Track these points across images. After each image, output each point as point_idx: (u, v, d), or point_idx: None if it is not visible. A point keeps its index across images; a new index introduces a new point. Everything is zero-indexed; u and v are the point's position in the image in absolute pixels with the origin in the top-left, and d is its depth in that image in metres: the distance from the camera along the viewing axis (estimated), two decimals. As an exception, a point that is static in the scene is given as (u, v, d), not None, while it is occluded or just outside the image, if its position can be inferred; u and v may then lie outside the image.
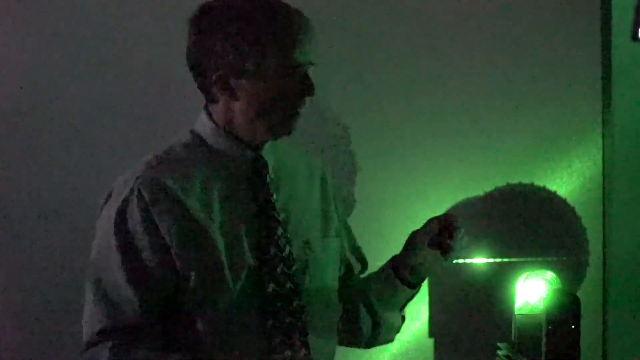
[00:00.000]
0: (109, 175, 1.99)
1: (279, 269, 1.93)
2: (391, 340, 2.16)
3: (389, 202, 2.64)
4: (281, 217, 1.96)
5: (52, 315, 2.50)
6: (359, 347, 2.16)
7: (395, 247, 2.24)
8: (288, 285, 1.93)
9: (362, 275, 2.18)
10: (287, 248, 1.95)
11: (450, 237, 1.95)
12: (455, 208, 2.66)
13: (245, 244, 1.92)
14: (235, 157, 1.96)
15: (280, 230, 1.95)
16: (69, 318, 2.02)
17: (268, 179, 1.97)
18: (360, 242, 2.16)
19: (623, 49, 2.61)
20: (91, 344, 1.91)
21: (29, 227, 2.56)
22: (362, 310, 2.11)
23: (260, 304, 1.91)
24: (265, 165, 1.98)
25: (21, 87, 2.57)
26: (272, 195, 1.97)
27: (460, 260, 2.57)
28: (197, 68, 1.93)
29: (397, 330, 2.15)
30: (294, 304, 1.93)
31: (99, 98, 2.58)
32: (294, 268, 1.95)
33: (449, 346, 2.65)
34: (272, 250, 1.93)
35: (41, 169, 2.57)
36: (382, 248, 2.20)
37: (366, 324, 2.11)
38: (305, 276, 1.97)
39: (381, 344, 2.16)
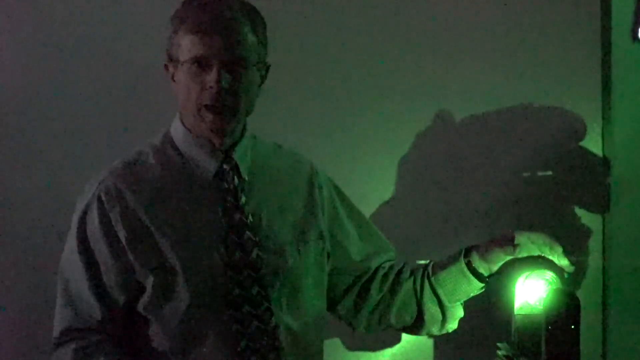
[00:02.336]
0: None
1: (245, 273, 1.91)
2: (452, 329, 2.16)
3: (388, 202, 2.63)
4: (250, 220, 1.94)
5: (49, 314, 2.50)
6: (415, 335, 2.20)
7: (395, 246, 2.24)
8: (255, 289, 1.91)
9: (391, 261, 2.17)
10: (255, 251, 1.93)
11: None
12: (455, 208, 2.66)
13: (209, 248, 1.90)
14: (203, 160, 1.94)
15: (247, 234, 1.93)
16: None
17: (237, 182, 1.95)
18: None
19: (623, 49, 2.60)
20: (57, 344, 1.92)
21: (28, 226, 2.56)
22: (429, 303, 2.09)
23: (225, 309, 1.90)
24: (234, 168, 1.96)
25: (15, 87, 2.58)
26: (240, 199, 1.95)
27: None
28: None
29: (458, 320, 2.16)
30: (262, 308, 1.91)
31: (97, 97, 2.58)
32: (262, 272, 1.93)
33: (449, 346, 2.65)
34: (237, 254, 1.91)
35: (40, 168, 2.57)
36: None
37: (434, 316, 2.11)
38: (276, 280, 1.95)
39: (442, 333, 2.16)
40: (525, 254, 2.06)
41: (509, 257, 2.06)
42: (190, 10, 1.88)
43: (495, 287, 2.54)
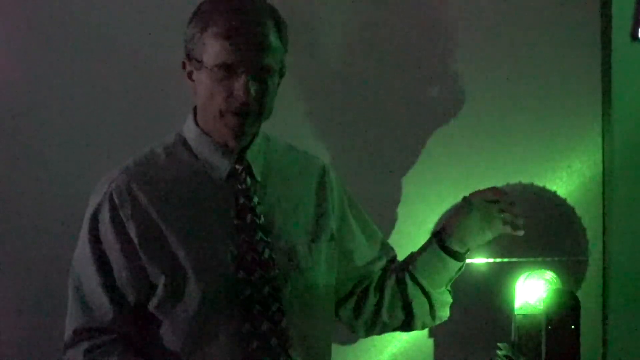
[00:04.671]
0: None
1: (256, 274, 1.91)
2: (445, 317, 2.13)
3: (389, 202, 2.64)
4: (263, 220, 1.94)
5: (52, 314, 2.50)
6: (412, 330, 2.16)
7: (396, 246, 2.24)
8: (266, 289, 1.91)
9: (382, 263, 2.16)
10: (267, 252, 1.93)
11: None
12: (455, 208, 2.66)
13: (220, 249, 1.90)
14: (216, 161, 1.94)
15: (259, 235, 1.92)
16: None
17: (249, 183, 1.95)
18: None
19: (623, 49, 2.61)
20: (68, 345, 1.91)
21: (30, 226, 2.57)
22: (414, 293, 2.08)
23: (236, 309, 1.90)
24: (247, 168, 1.96)
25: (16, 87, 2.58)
26: (252, 199, 1.94)
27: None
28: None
29: (449, 306, 2.12)
30: (273, 309, 1.92)
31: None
32: (273, 272, 1.93)
33: (449, 346, 2.65)
34: (249, 254, 1.91)
35: (41, 169, 2.57)
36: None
37: (422, 306, 2.09)
38: (287, 281, 1.94)
39: (435, 323, 2.14)
40: (478, 212, 2.01)
41: (476, 226, 2.02)
42: (217, 11, 1.86)
43: (495, 287, 2.55)
